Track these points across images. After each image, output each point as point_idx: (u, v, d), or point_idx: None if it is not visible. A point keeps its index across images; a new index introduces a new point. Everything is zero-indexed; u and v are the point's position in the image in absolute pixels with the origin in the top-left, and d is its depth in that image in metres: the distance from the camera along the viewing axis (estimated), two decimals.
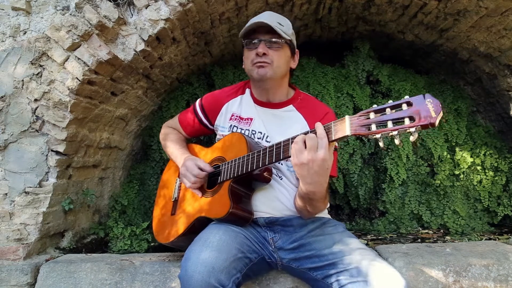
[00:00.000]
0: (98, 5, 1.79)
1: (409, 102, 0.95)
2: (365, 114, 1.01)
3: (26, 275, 1.74)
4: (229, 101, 1.61)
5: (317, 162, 1.08)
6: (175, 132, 1.77)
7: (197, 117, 1.68)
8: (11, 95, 1.85)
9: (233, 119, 1.57)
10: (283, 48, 1.44)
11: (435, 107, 0.91)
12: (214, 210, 1.38)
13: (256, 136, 1.50)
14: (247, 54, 1.47)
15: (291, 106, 1.54)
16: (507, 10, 2.07)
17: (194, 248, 1.20)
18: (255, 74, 1.44)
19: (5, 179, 1.85)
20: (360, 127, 1.01)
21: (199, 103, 1.68)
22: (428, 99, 0.92)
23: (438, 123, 0.91)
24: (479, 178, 2.67)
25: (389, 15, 2.51)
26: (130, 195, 2.54)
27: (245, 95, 1.61)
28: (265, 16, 1.44)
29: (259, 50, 1.40)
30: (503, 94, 2.62)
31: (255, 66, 1.43)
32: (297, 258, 1.36)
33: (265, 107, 1.54)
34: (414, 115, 0.92)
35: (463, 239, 2.35)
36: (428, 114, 0.91)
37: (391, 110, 0.98)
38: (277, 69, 1.44)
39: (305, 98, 1.58)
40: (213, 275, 1.10)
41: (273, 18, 1.43)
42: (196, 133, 1.74)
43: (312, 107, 1.54)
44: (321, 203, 1.29)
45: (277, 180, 1.43)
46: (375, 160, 2.79)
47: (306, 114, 1.50)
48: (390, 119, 0.96)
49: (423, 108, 0.92)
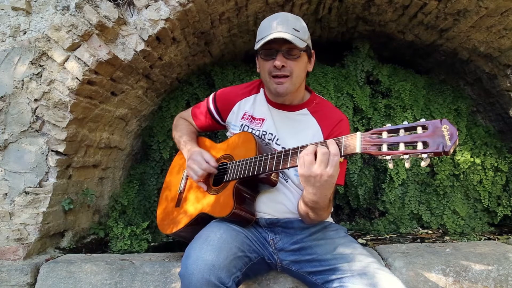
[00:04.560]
0: (98, 5, 1.79)
1: (424, 125, 0.91)
2: (377, 132, 0.98)
3: (26, 275, 1.74)
4: (242, 100, 1.59)
5: (324, 177, 1.08)
6: (187, 123, 1.76)
7: (210, 111, 1.66)
8: (11, 95, 1.85)
9: (245, 118, 1.56)
10: (301, 57, 1.39)
11: (451, 134, 0.87)
12: (217, 209, 1.38)
13: (266, 137, 1.49)
14: (263, 64, 1.41)
15: (305, 110, 1.51)
16: (507, 10, 2.07)
17: (195, 246, 1.20)
18: (273, 89, 1.41)
19: (5, 179, 1.85)
20: (371, 146, 0.98)
21: (212, 97, 1.66)
22: (444, 124, 0.89)
23: (452, 152, 0.87)
24: (479, 178, 2.67)
25: (389, 15, 2.51)
26: (130, 195, 2.54)
27: (259, 94, 1.59)
28: (279, 20, 1.37)
29: (277, 63, 1.34)
30: (503, 94, 2.62)
31: (273, 81, 1.39)
32: (297, 261, 1.36)
33: (279, 109, 1.52)
34: (428, 140, 0.89)
35: (462, 239, 2.36)
36: (443, 141, 0.87)
37: (405, 132, 0.95)
38: (296, 80, 1.41)
39: (320, 103, 1.55)
40: (213, 273, 1.10)
41: (288, 24, 1.36)
42: (208, 127, 1.73)
43: (327, 113, 1.51)
44: (324, 212, 1.28)
45: (282, 183, 1.43)
46: (375, 160, 2.79)
47: (320, 119, 1.48)
48: (403, 141, 0.93)
49: (439, 133, 0.88)
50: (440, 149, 0.87)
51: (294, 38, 1.32)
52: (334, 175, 1.07)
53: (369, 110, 2.69)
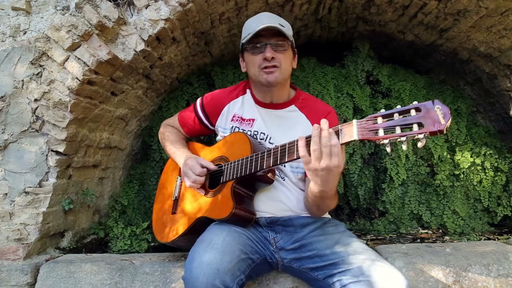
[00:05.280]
0: (98, 5, 1.79)
1: (417, 107, 0.94)
2: (372, 118, 1.01)
3: (26, 275, 1.74)
4: (230, 102, 1.60)
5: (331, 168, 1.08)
6: (174, 131, 1.76)
7: (198, 117, 1.67)
8: (11, 95, 1.85)
9: (235, 120, 1.57)
10: (288, 49, 1.44)
11: (444, 113, 0.90)
12: (216, 211, 1.37)
13: (259, 137, 1.50)
14: (251, 58, 1.44)
15: (293, 106, 1.54)
16: (507, 10, 2.07)
17: (198, 249, 1.20)
18: (263, 80, 1.42)
19: (5, 179, 1.85)
20: (368, 131, 1.00)
21: (199, 102, 1.67)
22: (437, 105, 0.91)
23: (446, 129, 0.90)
24: (479, 178, 2.67)
25: (389, 15, 2.51)
26: (130, 195, 2.53)
27: (246, 95, 1.60)
28: (264, 18, 1.42)
29: (267, 54, 1.37)
30: (503, 94, 2.62)
31: (263, 72, 1.41)
32: (298, 258, 1.36)
33: (267, 108, 1.54)
34: (423, 121, 0.91)
35: (462, 239, 2.36)
36: (437, 120, 0.90)
37: (399, 116, 0.97)
38: (285, 71, 1.44)
39: (306, 98, 1.58)
40: (218, 277, 1.10)
41: (274, 20, 1.41)
42: (196, 132, 1.74)
43: (314, 107, 1.54)
44: (331, 200, 1.30)
45: (279, 181, 1.43)
46: (375, 160, 2.79)
47: (308, 114, 1.51)
48: (398, 125, 0.95)
49: (432, 114, 0.91)
50: (436, 128, 0.89)
51: (282, 28, 1.37)
52: (340, 164, 1.08)
53: (369, 110, 2.69)
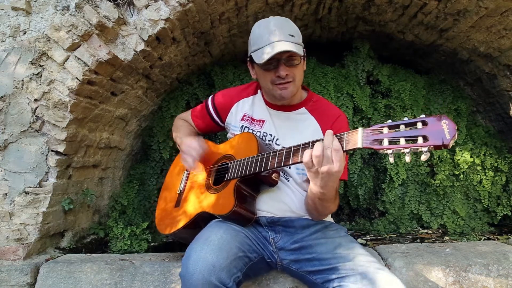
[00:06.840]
0: (98, 5, 1.79)
1: (424, 121, 0.95)
2: (378, 128, 1.02)
3: (26, 275, 1.74)
4: (240, 101, 1.61)
5: (331, 173, 1.10)
6: (186, 124, 1.78)
7: (209, 113, 1.69)
8: (11, 95, 1.85)
9: (245, 119, 1.58)
10: (301, 62, 1.42)
11: (450, 129, 0.90)
12: (218, 207, 1.38)
13: (267, 138, 1.51)
14: (264, 74, 1.42)
15: (303, 109, 1.54)
16: (507, 10, 2.07)
17: (195, 246, 1.20)
18: (277, 95, 1.43)
19: (5, 179, 1.85)
20: (372, 141, 1.01)
21: (211, 99, 1.69)
22: (444, 120, 0.92)
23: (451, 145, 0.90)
24: (479, 178, 2.67)
25: (389, 15, 2.51)
26: (130, 195, 2.53)
27: (257, 96, 1.61)
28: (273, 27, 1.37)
29: (282, 73, 1.36)
30: (503, 94, 2.62)
31: (276, 87, 1.41)
32: (297, 260, 1.36)
33: (277, 110, 1.54)
34: (428, 134, 0.92)
35: (462, 239, 2.36)
36: (442, 135, 0.90)
37: (405, 127, 0.97)
38: (298, 83, 1.45)
39: (317, 100, 1.57)
40: (214, 273, 1.11)
41: (283, 30, 1.36)
42: (207, 128, 1.75)
43: (324, 110, 1.54)
44: (331, 203, 1.30)
45: (283, 182, 1.44)
46: (375, 160, 2.79)
47: (318, 117, 1.51)
48: (403, 136, 0.96)
49: (438, 128, 0.91)
50: (440, 143, 0.90)
51: (294, 45, 1.34)
52: (340, 170, 1.10)
53: (369, 110, 2.69)
